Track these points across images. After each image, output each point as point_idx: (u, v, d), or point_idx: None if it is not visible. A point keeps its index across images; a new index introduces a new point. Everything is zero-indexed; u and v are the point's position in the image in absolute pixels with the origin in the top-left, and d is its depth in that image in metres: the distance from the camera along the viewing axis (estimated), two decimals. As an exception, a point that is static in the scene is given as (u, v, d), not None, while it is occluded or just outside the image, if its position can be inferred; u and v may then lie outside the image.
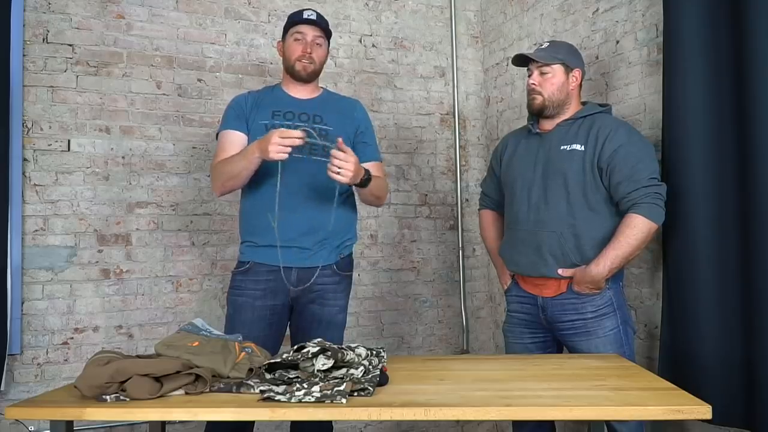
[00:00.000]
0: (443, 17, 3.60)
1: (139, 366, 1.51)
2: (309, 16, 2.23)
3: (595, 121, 2.19)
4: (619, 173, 2.09)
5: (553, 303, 2.20)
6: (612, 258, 2.07)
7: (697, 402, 1.42)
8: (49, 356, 2.70)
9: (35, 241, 2.70)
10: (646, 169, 2.08)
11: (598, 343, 2.12)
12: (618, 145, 2.10)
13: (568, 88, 2.23)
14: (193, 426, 2.83)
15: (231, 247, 2.99)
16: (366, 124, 2.37)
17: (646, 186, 2.07)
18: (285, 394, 1.47)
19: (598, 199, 2.15)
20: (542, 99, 2.23)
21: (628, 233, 2.06)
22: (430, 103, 3.54)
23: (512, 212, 2.32)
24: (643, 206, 2.06)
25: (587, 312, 2.14)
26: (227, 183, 2.17)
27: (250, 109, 2.25)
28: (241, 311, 2.20)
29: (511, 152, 2.39)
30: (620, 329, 2.14)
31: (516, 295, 2.34)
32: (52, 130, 2.75)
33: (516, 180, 2.31)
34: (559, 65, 2.22)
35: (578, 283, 2.13)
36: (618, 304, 2.17)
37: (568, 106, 2.25)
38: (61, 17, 2.79)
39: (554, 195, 2.18)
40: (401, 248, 3.43)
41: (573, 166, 2.16)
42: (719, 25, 2.08)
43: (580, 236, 2.14)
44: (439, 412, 1.42)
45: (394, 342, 3.36)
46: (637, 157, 2.10)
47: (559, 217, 2.17)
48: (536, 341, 2.29)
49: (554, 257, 2.16)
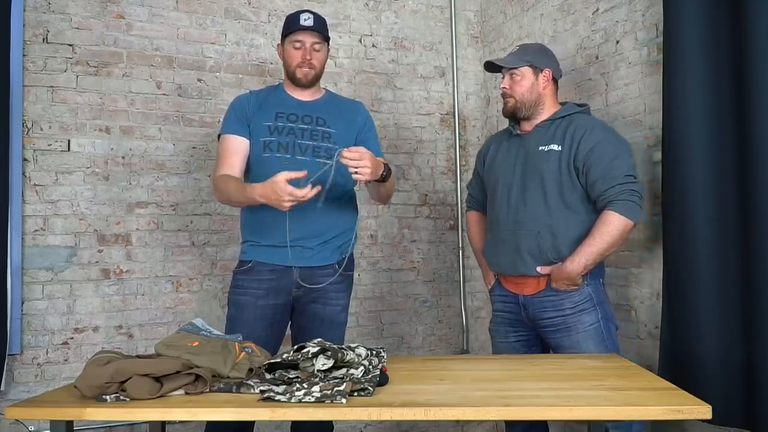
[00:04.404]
0: (443, 17, 3.60)
1: (139, 366, 1.51)
2: (306, 22, 2.21)
3: (572, 121, 2.22)
4: (595, 171, 2.12)
5: (533, 301, 2.23)
6: (587, 255, 2.09)
7: (697, 402, 1.42)
8: (49, 356, 2.70)
9: (35, 241, 2.70)
10: (621, 167, 2.11)
11: (579, 338, 2.14)
12: (594, 143, 2.13)
13: (538, 88, 2.26)
14: (193, 426, 2.83)
15: (231, 247, 2.99)
16: (368, 124, 2.37)
17: (622, 183, 2.09)
18: (285, 394, 1.47)
19: (575, 199, 2.18)
20: (514, 101, 2.27)
21: (603, 230, 2.08)
22: (430, 103, 3.54)
23: (493, 213, 2.37)
24: (619, 203, 2.08)
25: (566, 308, 2.16)
26: (229, 203, 2.27)
27: (253, 110, 2.25)
28: (243, 310, 2.20)
29: (493, 154, 2.43)
30: (601, 324, 2.16)
31: (499, 295, 2.37)
32: (52, 130, 2.75)
33: (497, 181, 2.35)
34: (526, 67, 2.26)
35: (555, 280, 2.16)
36: (598, 300, 2.18)
37: (542, 107, 2.28)
38: (61, 17, 2.79)
39: (532, 195, 2.22)
40: (401, 248, 3.43)
41: (550, 166, 2.19)
42: (719, 25, 2.08)
43: (558, 235, 2.17)
44: (439, 412, 1.42)
45: (394, 342, 3.36)
46: (612, 154, 2.12)
47: (537, 217, 2.20)
48: (521, 339, 2.31)
49: (532, 256, 2.20)
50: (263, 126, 2.22)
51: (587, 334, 2.14)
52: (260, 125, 2.22)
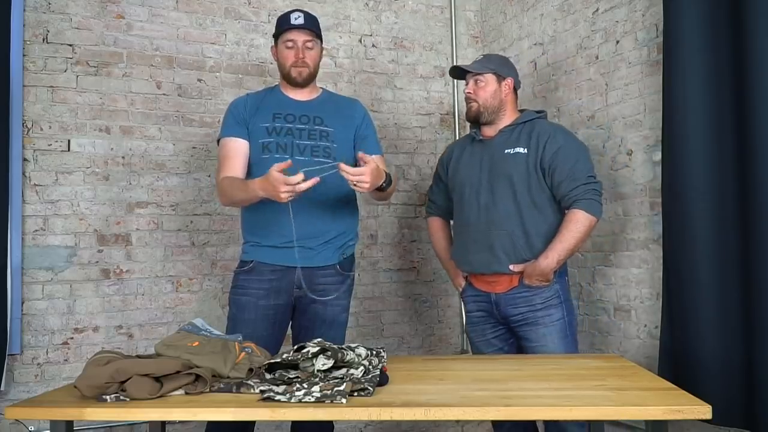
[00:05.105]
0: (443, 17, 3.60)
1: (139, 366, 1.51)
2: (296, 20, 2.21)
3: (534, 126, 2.34)
4: (560, 173, 2.25)
5: (505, 298, 2.31)
6: (559, 251, 2.21)
7: (697, 402, 1.42)
8: (49, 356, 2.70)
9: (35, 241, 2.70)
10: (583, 168, 2.25)
11: (545, 331, 2.26)
12: (558, 147, 2.26)
13: (501, 95, 2.38)
14: (193, 426, 2.83)
15: (231, 247, 2.99)
16: (366, 121, 2.38)
17: (585, 183, 2.23)
18: (285, 394, 1.47)
19: (543, 198, 2.29)
20: (477, 105, 2.38)
21: (572, 227, 2.21)
22: (430, 103, 3.54)
23: (462, 215, 2.43)
24: (584, 202, 2.21)
25: (536, 303, 2.27)
26: (233, 204, 2.28)
27: (250, 112, 2.25)
28: (244, 310, 2.20)
29: (457, 159, 2.51)
30: (565, 320, 2.28)
31: (471, 295, 2.45)
32: (52, 130, 2.75)
33: (464, 184, 2.42)
34: (491, 74, 2.37)
35: (529, 276, 2.25)
36: (564, 297, 2.30)
37: (504, 113, 2.39)
38: (61, 17, 2.79)
39: (502, 196, 2.31)
40: (401, 248, 3.43)
41: (518, 167, 2.29)
42: (719, 25, 2.09)
43: (529, 233, 2.28)
44: (439, 412, 1.42)
45: (394, 342, 3.36)
46: (575, 157, 2.26)
47: (508, 216, 2.30)
48: (497, 335, 2.39)
49: (506, 254, 2.29)
50: (261, 128, 2.22)
51: (553, 328, 2.26)
52: (258, 127, 2.23)
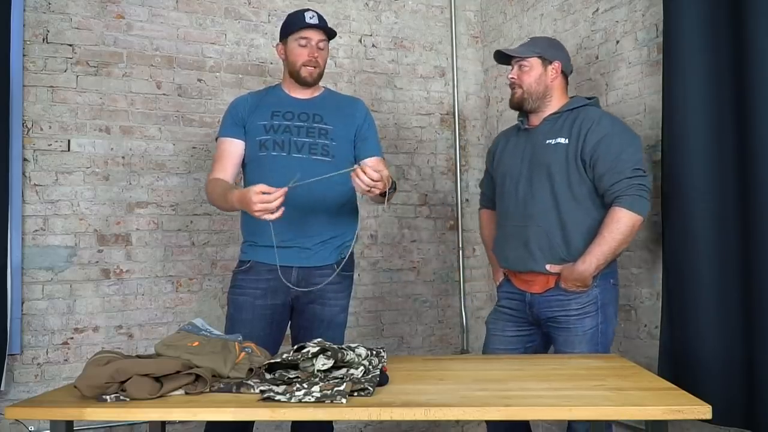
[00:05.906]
0: (443, 17, 3.60)
1: (139, 366, 1.51)
2: (312, 20, 2.21)
3: (579, 114, 2.20)
4: (603, 165, 2.09)
5: (540, 299, 2.21)
6: (598, 255, 2.07)
7: (697, 402, 1.42)
8: (49, 356, 2.70)
9: (35, 241, 2.70)
10: (629, 160, 2.08)
11: (575, 339, 2.14)
12: (601, 136, 2.10)
13: (546, 80, 2.24)
14: (193, 426, 2.83)
15: (231, 247, 2.99)
16: (367, 121, 2.36)
17: (630, 177, 2.06)
18: (285, 394, 1.47)
19: (584, 192, 2.15)
20: (521, 92, 2.25)
21: (612, 228, 2.05)
22: (430, 103, 3.54)
23: (503, 207, 2.35)
24: (627, 198, 2.05)
25: (572, 309, 2.15)
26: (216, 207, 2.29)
27: (249, 111, 2.25)
28: (241, 310, 2.20)
29: (501, 149, 2.43)
30: (598, 328, 2.15)
31: (506, 291, 2.36)
32: (52, 130, 2.75)
33: (505, 176, 2.34)
34: (536, 58, 2.24)
35: (565, 281, 2.13)
36: (603, 302, 2.16)
37: (550, 99, 2.25)
38: (61, 17, 2.79)
39: (540, 188, 2.19)
40: (401, 248, 3.43)
41: (557, 158, 2.16)
42: (719, 25, 2.08)
43: (567, 229, 2.15)
44: (439, 412, 1.42)
45: (394, 342, 3.36)
46: (619, 147, 2.09)
47: (546, 210, 2.17)
48: (520, 335, 2.29)
49: (542, 252, 2.17)
50: (259, 125, 2.22)
51: (584, 337, 2.14)
52: (256, 125, 2.23)
